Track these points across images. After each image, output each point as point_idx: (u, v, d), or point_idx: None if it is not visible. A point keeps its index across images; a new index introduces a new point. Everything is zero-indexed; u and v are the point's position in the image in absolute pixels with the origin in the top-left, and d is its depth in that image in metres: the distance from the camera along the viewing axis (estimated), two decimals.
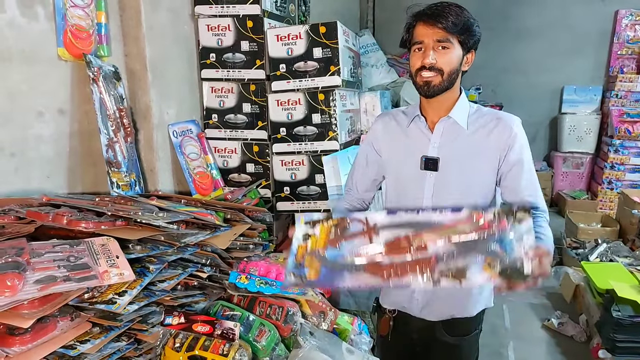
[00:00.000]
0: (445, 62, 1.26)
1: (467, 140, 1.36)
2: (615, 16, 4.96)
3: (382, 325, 1.59)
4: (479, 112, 1.40)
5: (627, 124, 4.68)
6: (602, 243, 3.41)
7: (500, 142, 1.34)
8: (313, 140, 2.41)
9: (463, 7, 1.29)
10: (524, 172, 1.35)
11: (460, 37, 1.26)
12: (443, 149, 1.37)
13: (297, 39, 2.34)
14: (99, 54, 2.03)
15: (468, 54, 1.32)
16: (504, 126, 1.35)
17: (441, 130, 1.38)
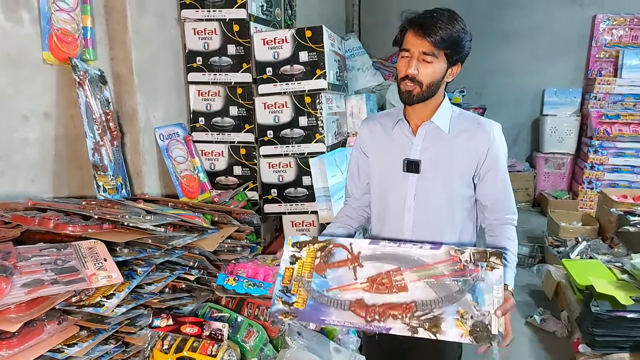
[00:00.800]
0: (426, 74, 1.30)
1: (448, 144, 1.41)
2: (593, 21, 5.08)
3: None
4: (460, 117, 1.44)
5: (605, 125, 4.80)
6: (582, 241, 3.49)
7: (480, 147, 1.39)
8: (300, 142, 2.44)
9: (456, 20, 1.30)
10: (500, 176, 1.42)
11: (446, 51, 1.29)
12: (425, 152, 1.42)
13: (283, 42, 2.36)
14: (85, 57, 2.03)
15: (453, 66, 1.36)
16: (484, 131, 1.40)
17: (423, 134, 1.42)
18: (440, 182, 1.42)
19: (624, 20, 4.97)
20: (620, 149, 4.73)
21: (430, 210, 1.44)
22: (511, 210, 1.45)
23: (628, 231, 3.12)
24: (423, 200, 1.43)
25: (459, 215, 1.46)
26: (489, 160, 1.40)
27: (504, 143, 1.44)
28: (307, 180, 2.47)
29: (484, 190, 1.44)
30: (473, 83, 5.61)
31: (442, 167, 1.41)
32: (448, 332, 1.13)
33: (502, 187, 1.43)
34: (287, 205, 2.51)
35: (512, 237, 1.42)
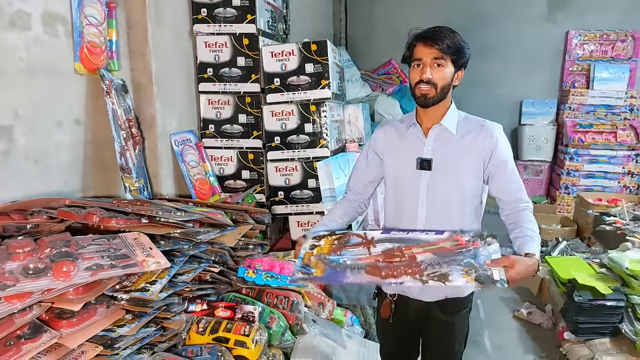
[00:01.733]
0: (439, 77, 1.48)
1: (456, 144, 1.56)
2: (567, 36, 5.43)
3: (383, 308, 1.74)
4: (467, 120, 1.60)
5: (579, 134, 5.11)
6: (562, 241, 3.75)
7: (484, 146, 1.54)
8: (305, 147, 2.62)
9: (455, 32, 1.51)
10: (508, 171, 1.56)
11: (452, 57, 1.48)
12: (436, 152, 1.57)
13: (290, 55, 2.55)
14: (110, 68, 2.19)
15: (459, 71, 1.53)
16: (487, 132, 1.56)
17: (434, 135, 1.58)
18: (450, 178, 1.56)
19: (594, 36, 5.33)
20: (593, 156, 5.05)
21: (441, 204, 1.57)
22: (524, 200, 1.57)
23: (604, 230, 3.38)
24: (434, 195, 1.57)
25: (467, 210, 1.60)
26: (495, 158, 1.54)
27: (507, 141, 1.59)
28: (312, 182, 2.65)
29: (496, 184, 1.58)
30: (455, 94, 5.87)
31: (451, 165, 1.55)
32: (455, 280, 1.26)
33: (512, 180, 1.57)
34: (294, 206, 2.68)
35: (531, 219, 1.52)
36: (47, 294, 1.24)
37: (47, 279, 1.22)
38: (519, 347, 2.91)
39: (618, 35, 5.29)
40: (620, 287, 2.57)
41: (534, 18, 5.54)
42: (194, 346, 1.61)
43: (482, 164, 1.56)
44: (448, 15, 5.71)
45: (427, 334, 1.72)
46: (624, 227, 3.21)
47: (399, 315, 1.72)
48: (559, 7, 5.46)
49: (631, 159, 5.00)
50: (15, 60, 1.73)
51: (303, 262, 1.42)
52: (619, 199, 4.09)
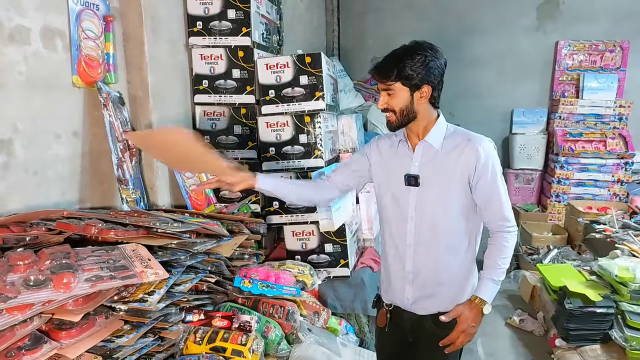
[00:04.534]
0: (394, 104, 1.55)
1: (442, 160, 1.58)
2: (556, 46, 5.53)
3: (380, 317, 1.80)
4: (454, 134, 1.61)
5: (570, 143, 5.19)
6: (553, 249, 3.80)
7: (469, 161, 1.55)
8: (300, 158, 2.66)
9: (410, 53, 1.51)
10: (488, 183, 1.55)
11: (402, 81, 1.51)
12: (423, 168, 1.60)
13: (285, 67, 2.60)
14: (107, 81, 2.22)
15: (417, 91, 1.53)
16: (472, 147, 1.55)
17: (420, 151, 1.61)
18: (437, 194, 1.59)
19: (583, 46, 5.43)
20: (584, 164, 5.13)
21: (429, 220, 1.61)
22: (503, 217, 1.58)
23: (594, 238, 3.44)
24: (423, 211, 1.61)
25: (456, 228, 1.61)
26: (478, 171, 1.55)
27: (494, 156, 1.58)
28: None
29: (476, 195, 1.59)
30: (447, 104, 5.93)
31: (438, 180, 1.58)
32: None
33: (492, 194, 1.56)
34: (288, 216, 2.71)
35: (505, 245, 1.58)
36: (48, 305, 1.26)
37: (48, 291, 1.24)
38: (511, 355, 2.95)
39: (607, 45, 5.40)
40: (610, 295, 2.62)
41: (524, 29, 5.64)
42: (192, 356, 1.63)
43: (467, 180, 1.57)
44: (439, 26, 5.81)
45: (421, 346, 1.74)
46: (613, 235, 3.26)
47: (395, 325, 1.77)
48: (548, 18, 5.57)
49: (620, 167, 5.08)
50: (14, 75, 1.76)
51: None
52: (608, 207, 4.15)
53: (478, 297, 1.58)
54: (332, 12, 6.27)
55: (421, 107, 1.56)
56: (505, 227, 1.59)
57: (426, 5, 5.90)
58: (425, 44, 1.54)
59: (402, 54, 1.52)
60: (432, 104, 1.59)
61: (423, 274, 1.66)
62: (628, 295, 2.55)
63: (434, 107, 1.61)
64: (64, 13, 1.97)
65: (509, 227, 1.60)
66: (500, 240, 1.60)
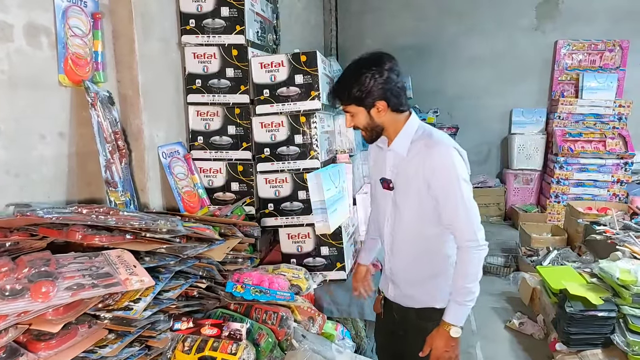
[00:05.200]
0: (357, 122, 1.62)
1: (406, 166, 1.60)
2: (555, 46, 5.49)
3: (376, 303, 1.94)
4: (419, 139, 1.58)
5: (569, 143, 5.15)
6: (553, 250, 3.75)
7: (425, 169, 1.53)
8: (295, 159, 2.59)
9: (351, 75, 1.56)
10: (446, 198, 1.51)
11: (354, 102, 1.57)
12: (394, 172, 1.65)
13: (279, 66, 2.53)
14: (95, 80, 2.15)
15: (372, 108, 1.56)
16: (427, 154, 1.53)
17: (392, 157, 1.65)
18: (407, 199, 1.61)
19: (582, 45, 5.39)
20: (583, 164, 5.08)
21: (402, 223, 1.66)
22: (461, 230, 1.52)
23: (595, 239, 3.39)
24: (396, 213, 1.66)
25: (429, 232, 1.61)
26: (431, 178, 1.52)
27: (450, 162, 1.49)
28: (303, 194, 2.62)
29: (441, 214, 1.55)
30: (445, 104, 5.93)
31: (405, 186, 1.61)
32: None
33: (447, 203, 1.51)
34: (284, 218, 2.65)
35: (459, 260, 1.55)
36: (24, 316, 1.19)
37: (25, 301, 1.18)
38: (511, 358, 2.89)
39: (606, 44, 5.36)
40: (612, 298, 2.57)
41: (523, 28, 5.60)
42: None
43: (426, 188, 1.55)
44: (438, 25, 5.77)
45: (409, 338, 1.79)
46: (614, 237, 3.21)
47: (386, 312, 1.88)
48: (547, 18, 5.52)
49: (620, 168, 5.04)
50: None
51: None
52: (608, 208, 4.10)
53: (444, 321, 1.56)
54: (330, 11, 6.22)
55: (384, 119, 1.59)
56: (464, 242, 1.53)
57: (425, 5, 5.85)
58: (370, 59, 1.56)
59: (349, 76, 1.57)
60: (396, 111, 1.59)
61: (399, 275, 1.75)
62: (630, 299, 2.49)
63: (400, 112, 1.61)
64: (49, 10, 1.90)
65: (467, 242, 1.52)
66: (461, 257, 1.55)
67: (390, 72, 1.53)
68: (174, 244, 1.80)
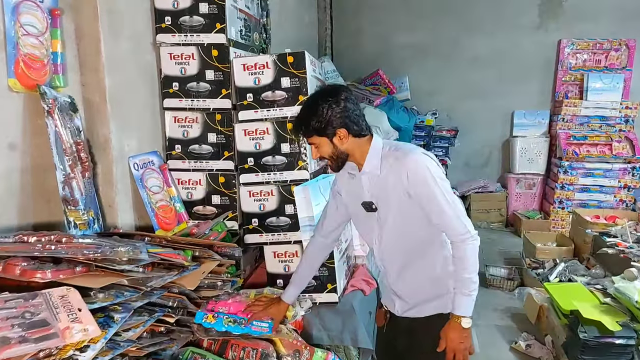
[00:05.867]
0: (322, 152, 1.64)
1: (383, 183, 1.62)
2: (559, 45, 5.26)
3: (378, 315, 1.95)
4: (388, 155, 1.61)
5: (574, 146, 4.93)
6: (560, 263, 3.52)
7: (401, 180, 1.57)
8: (282, 170, 2.36)
9: (308, 109, 1.59)
10: (430, 199, 1.55)
11: (314, 134, 1.60)
12: (373, 194, 1.66)
13: (264, 68, 2.30)
14: (54, 84, 1.91)
15: (334, 137, 1.59)
16: (400, 164, 1.57)
17: (367, 179, 1.66)
18: (392, 216, 1.64)
19: (587, 44, 5.17)
20: (588, 169, 4.86)
21: (393, 239, 1.69)
22: (450, 227, 1.57)
23: (606, 253, 3.16)
24: (385, 230, 1.69)
25: (418, 242, 1.67)
26: (411, 185, 1.55)
27: (425, 165, 1.54)
28: (290, 208, 2.39)
29: (429, 216, 1.59)
30: (444, 106, 5.70)
31: (387, 203, 1.63)
32: None
33: (432, 205, 1.55)
34: (269, 235, 2.41)
35: (455, 254, 1.59)
36: None
37: None
38: None
39: (612, 43, 5.14)
40: (630, 322, 2.34)
41: (525, 27, 5.38)
42: None
43: (407, 199, 1.58)
44: (437, 24, 5.53)
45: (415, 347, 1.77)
46: (627, 251, 2.99)
47: (392, 327, 1.86)
48: (550, 16, 5.30)
49: (627, 172, 4.82)
50: None
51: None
52: (617, 217, 3.88)
53: (453, 314, 1.61)
54: (324, 9, 5.97)
55: (347, 146, 1.61)
56: (457, 237, 1.59)
57: (423, 3, 5.62)
58: (325, 92, 1.62)
59: (307, 109, 1.61)
60: (357, 136, 1.61)
61: (402, 289, 1.76)
62: None
63: (361, 136, 1.63)
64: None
65: (461, 237, 1.58)
66: (456, 251, 1.60)
67: (346, 102, 1.57)
68: (135, 275, 1.56)
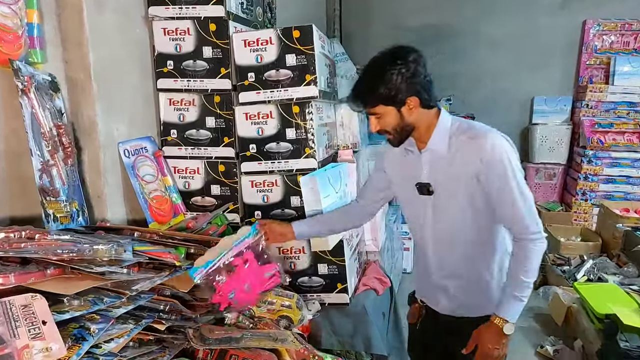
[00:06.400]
0: (384, 125, 1.48)
1: (449, 164, 1.48)
2: (583, 26, 4.96)
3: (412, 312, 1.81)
4: (458, 133, 1.47)
5: (599, 134, 4.64)
6: (587, 260, 3.27)
7: (474, 161, 1.42)
8: (287, 158, 2.14)
9: (374, 75, 1.41)
10: (502, 190, 1.40)
11: (381, 103, 1.43)
12: (432, 174, 1.52)
13: (267, 44, 2.06)
14: (31, 60, 1.69)
15: (403, 106, 1.43)
16: (475, 144, 1.42)
17: (428, 158, 1.53)
18: (452, 201, 1.50)
19: (614, 25, 4.85)
20: (615, 158, 4.58)
21: (447, 227, 1.54)
22: (520, 223, 1.42)
23: None
24: (440, 219, 1.55)
25: (481, 228, 1.51)
26: (484, 170, 1.41)
27: (503, 151, 1.40)
28: (296, 200, 2.17)
29: (489, 198, 1.44)
30: (460, 91, 5.43)
31: (450, 186, 1.49)
32: None
33: (503, 195, 1.41)
34: None
35: (518, 253, 1.45)
36: None
37: None
38: None
39: None
40: None
41: (547, 7, 5.06)
42: None
43: (476, 181, 1.44)
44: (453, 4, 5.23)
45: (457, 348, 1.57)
46: None
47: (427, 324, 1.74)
48: None
49: None
50: None
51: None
52: None
53: (497, 315, 1.47)
54: None
55: (415, 117, 1.48)
56: (526, 235, 1.43)
57: None
58: (392, 54, 1.45)
59: (372, 76, 1.44)
60: (425, 107, 1.48)
61: (454, 288, 1.61)
62: None
63: (430, 108, 1.49)
64: None
65: (530, 235, 1.43)
66: (520, 250, 1.45)
67: (417, 65, 1.42)
68: (118, 277, 1.35)
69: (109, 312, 1.29)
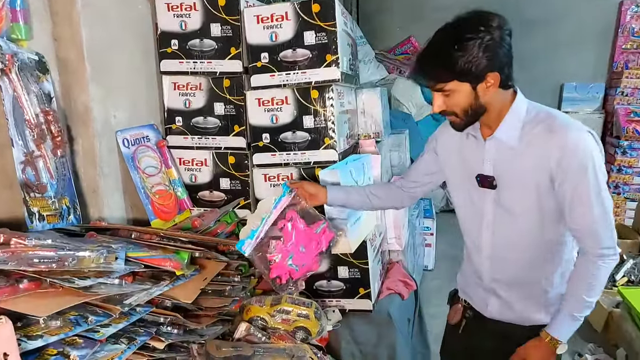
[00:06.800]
0: (452, 104, 1.26)
1: (518, 157, 1.30)
2: (620, 7, 4.63)
3: (454, 313, 1.63)
4: (535, 122, 1.27)
5: (635, 124, 4.35)
6: (628, 259, 3.02)
7: (550, 159, 1.24)
8: (304, 149, 1.92)
9: (452, 43, 1.18)
10: (577, 195, 1.23)
11: (456, 79, 1.21)
12: (497, 167, 1.34)
13: (282, 20, 1.83)
14: (13, 36, 1.48)
15: (481, 82, 1.21)
16: (555, 142, 1.22)
17: (493, 148, 1.34)
18: (521, 197, 1.32)
19: None
20: None
21: (513, 225, 1.35)
22: (592, 235, 1.25)
23: None
24: (503, 216, 1.36)
25: (547, 232, 1.33)
26: (560, 171, 1.23)
27: (586, 153, 1.20)
28: None
29: (567, 213, 1.26)
30: None
31: (517, 183, 1.31)
32: None
33: (577, 202, 1.23)
34: None
35: (583, 268, 1.29)
36: None
37: None
38: None
39: None
40: None
41: None
42: None
43: (548, 184, 1.26)
44: None
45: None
46: None
47: (474, 328, 1.57)
48: None
49: None
50: None
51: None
52: None
53: (550, 335, 1.33)
54: None
55: (490, 98, 1.26)
56: (597, 250, 1.26)
57: None
58: (474, 19, 1.21)
59: (449, 45, 1.19)
60: (504, 86, 1.26)
61: (508, 293, 1.45)
62: None
63: (508, 88, 1.28)
64: None
65: (603, 251, 1.26)
66: (588, 265, 1.28)
67: (502, 33, 1.19)
68: (107, 290, 1.15)
69: (94, 333, 1.08)
